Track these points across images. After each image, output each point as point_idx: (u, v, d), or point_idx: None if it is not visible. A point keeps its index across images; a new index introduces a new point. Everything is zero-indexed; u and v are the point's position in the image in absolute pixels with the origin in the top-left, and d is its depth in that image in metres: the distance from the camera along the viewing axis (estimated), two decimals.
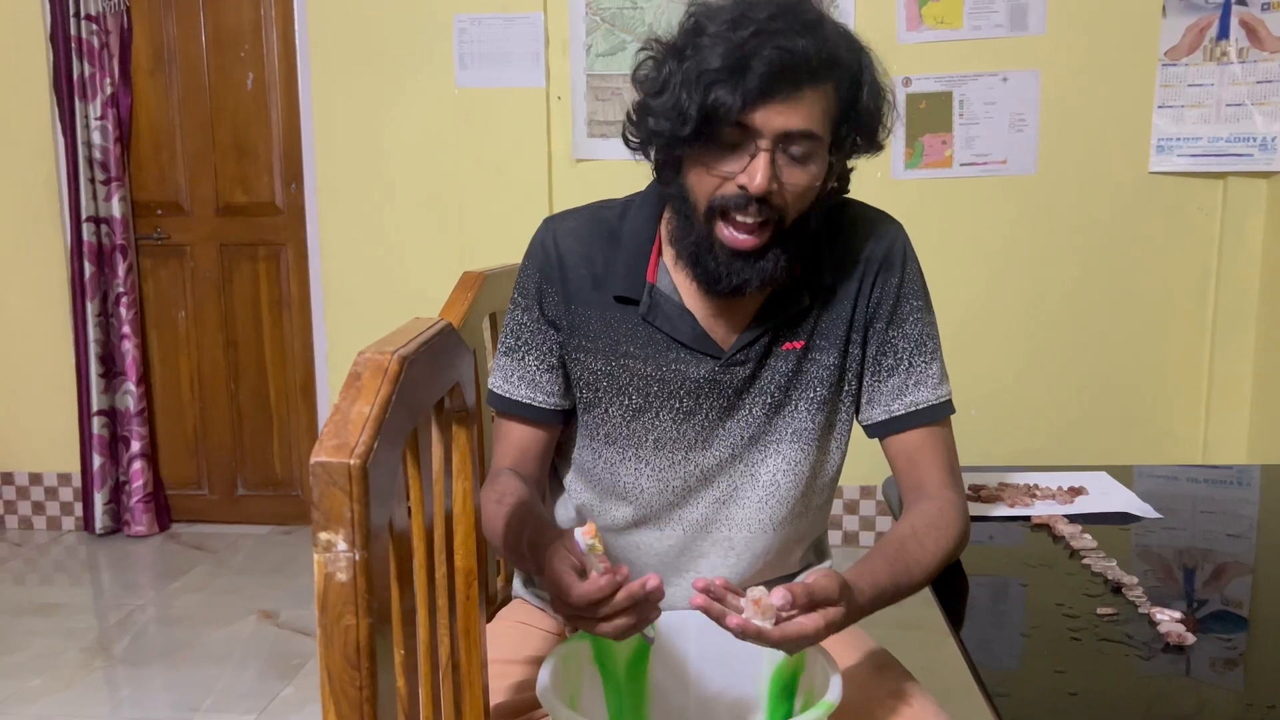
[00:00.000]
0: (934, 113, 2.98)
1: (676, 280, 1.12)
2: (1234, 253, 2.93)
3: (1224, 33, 2.86)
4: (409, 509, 0.78)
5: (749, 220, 1.02)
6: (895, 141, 3.00)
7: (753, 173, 0.99)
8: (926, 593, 1.16)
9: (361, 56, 3.16)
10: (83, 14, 3.22)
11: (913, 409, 1.13)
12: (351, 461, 0.57)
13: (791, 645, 0.90)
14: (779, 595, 0.87)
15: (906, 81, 2.97)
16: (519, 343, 1.18)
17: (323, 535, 0.57)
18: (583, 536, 0.92)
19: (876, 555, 1.04)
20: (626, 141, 1.10)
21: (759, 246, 1.03)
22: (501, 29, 3.07)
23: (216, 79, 3.35)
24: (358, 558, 0.57)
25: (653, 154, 1.09)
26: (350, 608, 0.58)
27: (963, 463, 1.18)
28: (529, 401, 1.17)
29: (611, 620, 0.91)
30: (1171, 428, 3.06)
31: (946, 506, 1.11)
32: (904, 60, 2.97)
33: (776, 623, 0.88)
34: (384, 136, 3.18)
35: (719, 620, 0.89)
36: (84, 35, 3.23)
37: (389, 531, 0.66)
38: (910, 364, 1.14)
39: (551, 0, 3.06)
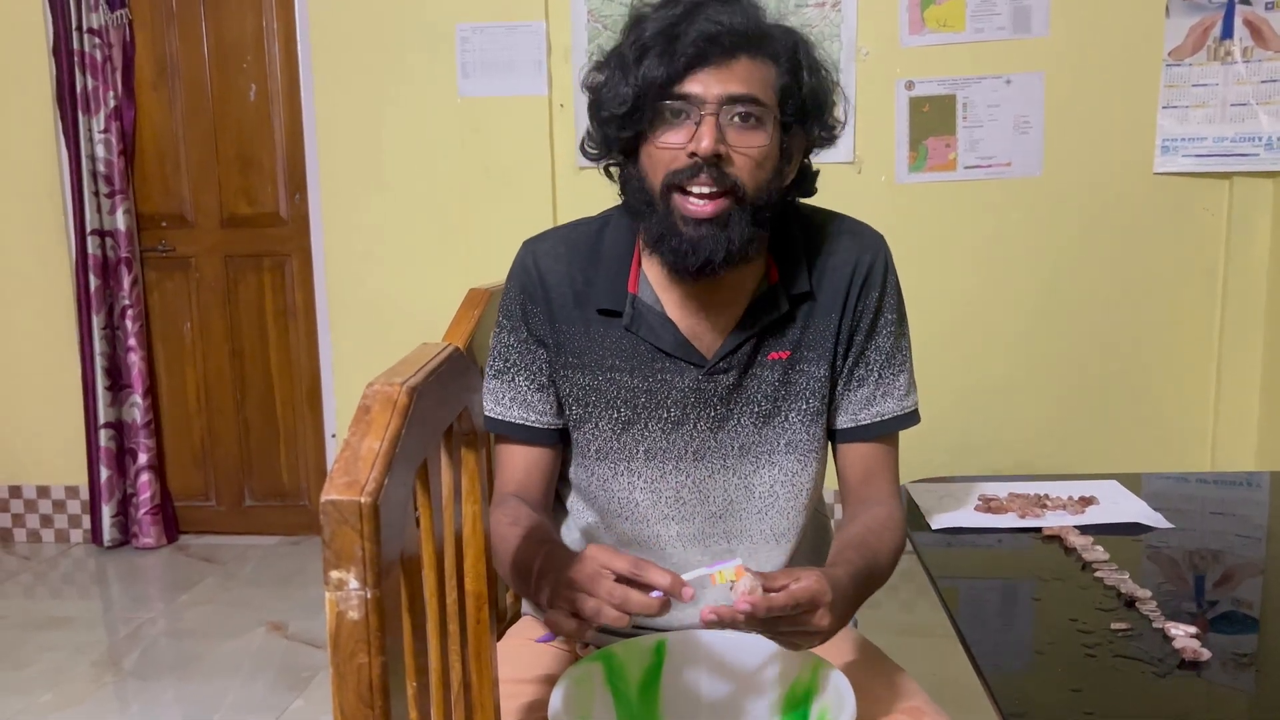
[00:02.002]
0: (938, 116, 2.97)
1: (658, 290, 1.14)
2: (1241, 253, 2.92)
3: (1228, 32, 2.85)
4: (420, 537, 0.78)
5: (704, 190, 1.04)
6: (899, 145, 2.99)
7: (699, 137, 1.03)
8: (934, 598, 1.16)
9: (364, 66, 3.16)
10: (85, 27, 3.22)
11: (878, 419, 1.17)
12: (363, 499, 0.57)
13: (802, 608, 0.90)
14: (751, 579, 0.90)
15: (910, 85, 2.97)
16: (508, 365, 1.19)
17: (334, 574, 0.57)
18: (733, 571, 0.91)
19: (845, 549, 1.06)
20: (585, 153, 1.14)
21: (721, 212, 1.05)
22: (504, 37, 3.07)
23: (219, 90, 3.35)
24: (370, 596, 0.57)
25: (610, 165, 1.13)
26: (363, 646, 0.57)
27: (967, 470, 1.20)
28: (523, 422, 1.18)
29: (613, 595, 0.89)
30: (1179, 431, 3.05)
31: (895, 513, 1.16)
32: (907, 63, 2.96)
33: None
34: (387, 146, 3.18)
35: (732, 623, 0.89)
36: (86, 49, 3.24)
37: (400, 564, 0.65)
38: (880, 376, 1.17)
39: (553, 8, 3.06)
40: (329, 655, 0.58)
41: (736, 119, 1.04)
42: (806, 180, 1.15)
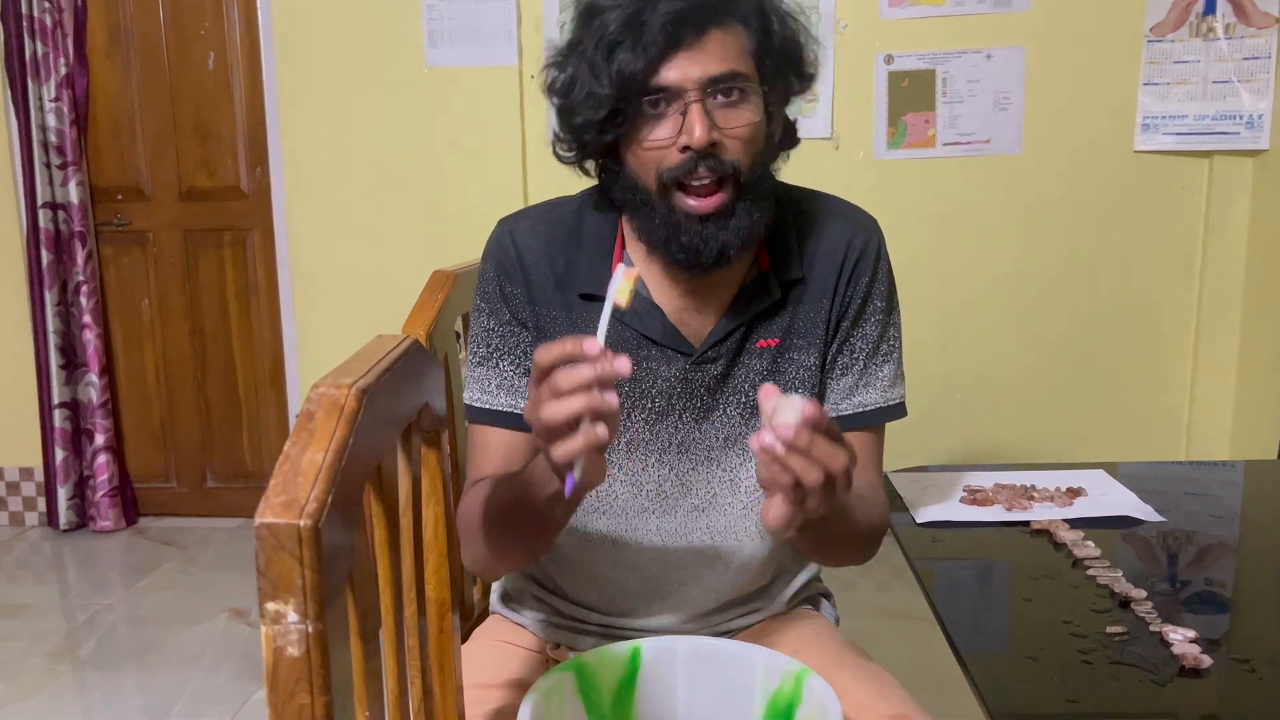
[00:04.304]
0: (917, 91, 2.91)
1: (644, 274, 1.08)
2: (1220, 232, 2.89)
3: (1210, 8, 2.80)
4: (374, 550, 0.71)
5: (704, 182, 0.98)
6: (877, 121, 2.93)
7: (690, 128, 0.96)
8: (912, 581, 1.12)
9: (327, 34, 3.05)
10: None
11: (860, 410, 1.13)
12: (302, 523, 0.50)
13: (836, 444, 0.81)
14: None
15: (889, 59, 2.90)
16: (491, 350, 1.12)
17: (270, 605, 0.51)
18: (623, 277, 0.85)
19: None
20: (559, 158, 1.07)
21: (724, 205, 0.99)
22: (472, 6, 2.97)
23: (176, 58, 3.23)
24: (311, 630, 0.51)
25: (589, 164, 1.07)
26: (304, 685, 0.51)
27: (941, 452, 1.16)
28: (510, 410, 1.11)
29: (564, 398, 0.80)
30: (1156, 412, 3.03)
31: (879, 502, 1.13)
32: (886, 38, 2.90)
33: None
34: (352, 117, 3.07)
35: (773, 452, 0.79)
36: (36, 13, 3.10)
37: (349, 586, 0.59)
38: (865, 365, 1.12)
39: None
40: (266, 694, 0.52)
41: (721, 98, 0.98)
42: (789, 133, 1.09)
